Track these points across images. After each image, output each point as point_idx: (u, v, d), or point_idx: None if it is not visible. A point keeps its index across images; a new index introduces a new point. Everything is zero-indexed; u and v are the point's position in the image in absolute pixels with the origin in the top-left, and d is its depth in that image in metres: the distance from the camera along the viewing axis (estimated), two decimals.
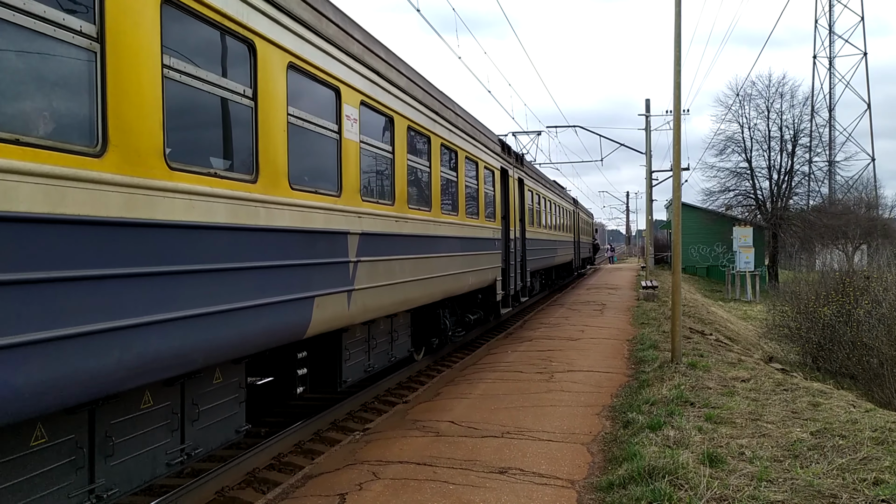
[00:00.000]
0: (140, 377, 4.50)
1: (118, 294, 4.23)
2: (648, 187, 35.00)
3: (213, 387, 5.88)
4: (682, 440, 6.85)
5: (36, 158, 3.67)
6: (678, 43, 11.37)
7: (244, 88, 5.68)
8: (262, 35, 5.84)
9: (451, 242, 11.53)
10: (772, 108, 47.43)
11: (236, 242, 5.46)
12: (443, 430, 7.82)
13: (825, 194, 53.09)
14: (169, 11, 4.76)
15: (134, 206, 4.36)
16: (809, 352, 18.59)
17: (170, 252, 4.70)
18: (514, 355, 13.06)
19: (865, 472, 5.83)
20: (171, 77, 4.81)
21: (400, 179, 9.23)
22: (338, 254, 7.27)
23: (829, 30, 66.97)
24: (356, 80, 7.75)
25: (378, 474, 6.39)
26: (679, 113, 11.85)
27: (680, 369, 10.57)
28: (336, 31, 7.26)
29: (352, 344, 8.50)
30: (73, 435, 4.39)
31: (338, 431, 8.69)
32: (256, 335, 5.79)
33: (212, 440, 5.87)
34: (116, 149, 4.23)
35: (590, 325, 17.36)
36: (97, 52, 4.14)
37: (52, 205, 3.76)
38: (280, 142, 6.17)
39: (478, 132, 13.86)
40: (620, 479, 5.92)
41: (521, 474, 6.29)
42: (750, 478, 5.80)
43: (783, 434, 7.11)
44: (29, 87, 3.87)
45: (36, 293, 3.68)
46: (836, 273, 21.57)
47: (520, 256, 18.18)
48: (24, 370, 3.60)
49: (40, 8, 3.75)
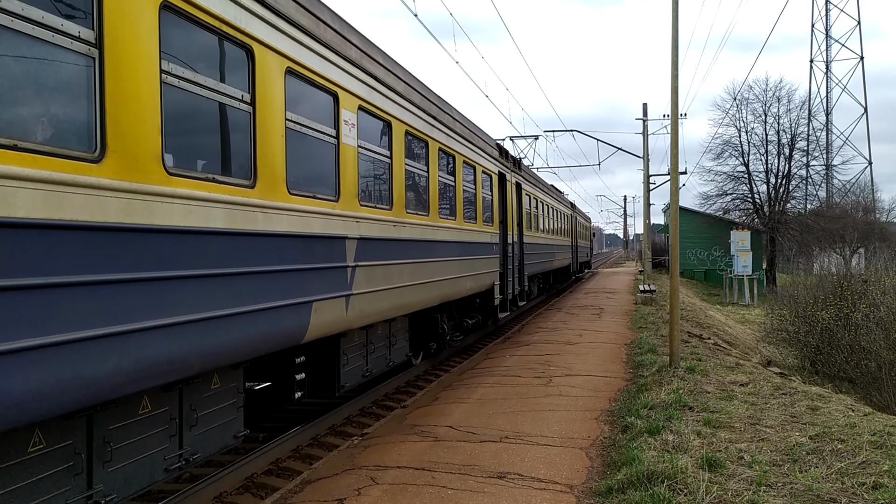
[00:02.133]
0: (138, 382, 4.49)
1: (116, 299, 4.22)
2: (646, 191, 35.02)
3: (212, 392, 5.87)
4: (681, 444, 6.85)
5: (34, 164, 3.66)
6: (675, 46, 11.39)
7: (242, 94, 5.68)
8: (260, 40, 5.84)
9: (449, 247, 11.53)
10: (769, 112, 47.52)
11: (234, 247, 5.46)
12: (441, 435, 7.81)
13: (822, 198, 53.20)
14: (167, 17, 4.77)
15: (132, 211, 4.35)
16: (808, 355, 18.60)
17: (167, 257, 4.70)
18: (513, 360, 13.05)
19: (864, 476, 5.83)
20: (170, 82, 4.81)
21: (398, 184, 9.23)
22: (336, 258, 7.26)
23: (825, 34, 67.14)
24: (354, 84, 7.76)
25: (376, 479, 6.38)
26: (676, 117, 11.86)
27: (678, 373, 10.57)
28: (334, 36, 7.27)
29: (350, 348, 8.49)
30: (71, 440, 4.38)
31: (336, 436, 8.67)
32: (254, 340, 5.79)
33: (210, 445, 5.85)
34: (115, 154, 4.23)
35: (588, 329, 17.36)
36: (95, 57, 4.14)
37: (51, 210, 3.75)
38: (278, 147, 6.17)
39: (475, 137, 13.87)
40: (619, 483, 5.91)
41: (520, 479, 6.28)
42: (749, 482, 5.80)
43: (782, 438, 7.11)
44: (27, 93, 3.87)
45: (34, 299, 3.67)
46: (834, 277, 21.58)
47: (518, 261, 18.18)
48: (22, 376, 3.59)
49: (38, 13, 3.75)
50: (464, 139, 12.76)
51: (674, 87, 11.55)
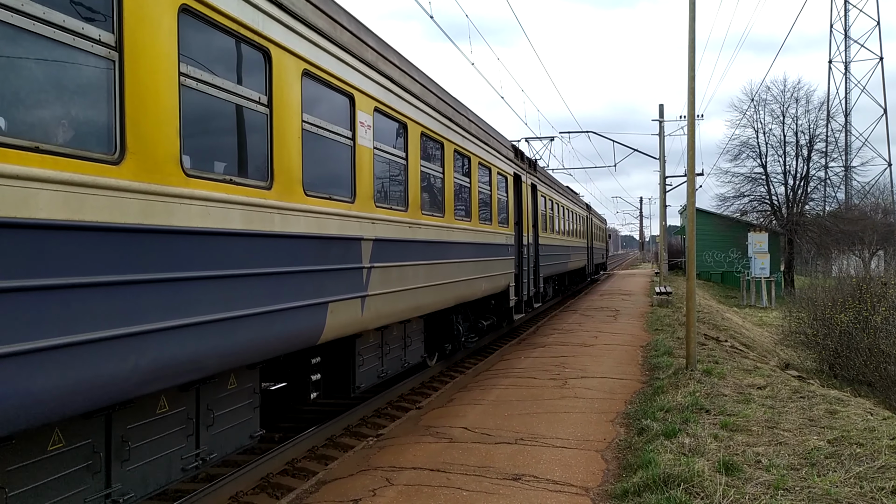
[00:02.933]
0: (156, 382, 4.53)
1: (135, 300, 4.26)
2: (662, 193, 34.83)
3: (228, 392, 5.91)
4: (698, 448, 6.81)
5: (55, 166, 3.71)
6: (692, 48, 11.33)
7: (259, 96, 5.72)
8: (277, 43, 5.88)
9: (464, 248, 11.53)
10: (787, 113, 47.04)
11: (251, 249, 5.49)
12: (456, 437, 7.81)
13: (841, 200, 52.62)
14: (186, 20, 4.81)
15: (151, 212, 4.39)
16: (826, 359, 18.40)
17: (185, 258, 4.74)
18: (528, 361, 13.03)
19: (883, 481, 5.77)
20: (188, 85, 4.85)
21: (413, 185, 9.25)
22: (351, 260, 7.29)
23: (844, 34, 66.54)
24: (370, 86, 7.78)
25: (391, 480, 6.39)
26: (693, 117, 11.79)
27: (695, 376, 10.50)
28: (350, 39, 7.30)
29: (365, 350, 8.51)
30: (89, 439, 4.43)
31: (351, 437, 8.70)
32: (271, 341, 5.82)
33: (226, 445, 5.89)
34: (134, 156, 4.27)
35: (603, 331, 17.29)
36: (115, 60, 4.18)
37: (72, 212, 3.80)
38: (294, 148, 6.21)
39: (491, 138, 13.87)
40: (635, 486, 5.89)
41: (535, 481, 6.27)
42: (766, 486, 5.75)
43: (800, 442, 7.04)
44: (48, 96, 3.92)
45: (55, 299, 3.71)
46: (853, 279, 21.34)
47: (533, 262, 18.16)
48: (43, 375, 3.63)
49: (59, 17, 3.80)
50: (479, 140, 12.76)
51: (690, 89, 11.50)
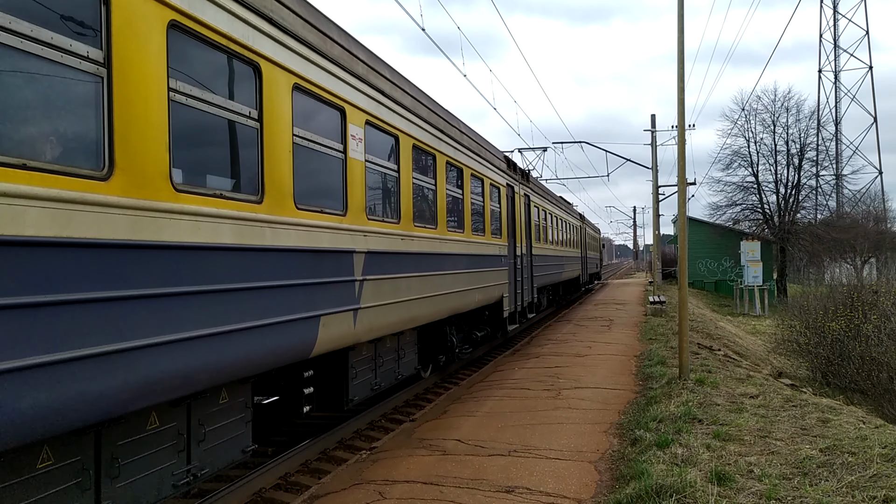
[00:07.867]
0: (146, 398, 4.51)
1: (124, 315, 4.25)
2: (655, 202, 34.95)
3: (220, 407, 5.88)
4: (690, 458, 6.81)
5: (43, 183, 3.71)
6: (681, 59, 11.41)
7: (250, 110, 5.73)
8: (267, 57, 5.90)
9: (458, 259, 11.54)
10: (778, 123, 47.40)
11: (242, 263, 5.49)
12: (449, 449, 7.80)
13: (833, 208, 52.96)
14: (175, 35, 4.82)
15: (140, 228, 4.39)
16: (819, 367, 18.44)
17: (175, 273, 4.73)
18: (522, 372, 13.02)
19: (875, 490, 5.77)
20: (178, 100, 4.86)
21: (405, 198, 9.26)
22: (343, 272, 7.29)
23: (833, 44, 66.98)
24: (361, 99, 7.81)
25: (385, 494, 6.37)
26: (683, 127, 11.86)
27: (688, 385, 10.51)
28: (341, 52, 7.33)
29: (358, 362, 8.50)
30: (79, 456, 4.40)
31: (344, 450, 8.67)
32: (262, 355, 5.81)
33: (218, 460, 5.86)
34: (123, 172, 4.27)
35: (597, 342, 17.30)
36: (104, 76, 4.19)
37: (59, 228, 3.79)
38: (285, 162, 6.22)
39: (483, 149, 13.91)
40: (628, 497, 5.88)
41: (528, 493, 6.26)
42: (758, 496, 5.75)
43: (792, 451, 7.05)
44: (36, 113, 3.92)
45: (43, 316, 3.70)
46: (845, 287, 21.43)
47: (527, 273, 18.18)
48: (31, 393, 3.61)
49: (48, 34, 3.81)
50: (471, 152, 12.80)
51: (680, 100, 11.56)
